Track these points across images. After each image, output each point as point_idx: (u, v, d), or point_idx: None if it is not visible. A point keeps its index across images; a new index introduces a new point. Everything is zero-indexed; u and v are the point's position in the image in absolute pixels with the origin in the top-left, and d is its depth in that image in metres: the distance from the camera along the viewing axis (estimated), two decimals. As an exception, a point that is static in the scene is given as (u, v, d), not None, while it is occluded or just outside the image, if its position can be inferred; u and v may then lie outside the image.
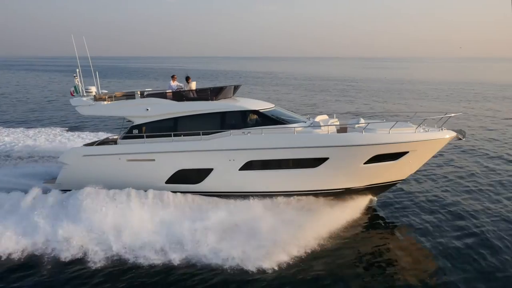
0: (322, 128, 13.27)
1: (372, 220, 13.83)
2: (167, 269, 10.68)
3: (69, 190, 13.64)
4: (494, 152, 22.74)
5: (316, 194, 13.87)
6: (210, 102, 13.95)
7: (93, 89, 15.18)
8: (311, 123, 13.98)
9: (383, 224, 13.74)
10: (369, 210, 14.38)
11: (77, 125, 30.13)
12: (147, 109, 13.90)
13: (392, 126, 13.02)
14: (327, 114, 15.64)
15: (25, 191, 13.49)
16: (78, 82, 14.89)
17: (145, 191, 13.19)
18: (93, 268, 10.73)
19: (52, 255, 11.19)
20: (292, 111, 16.59)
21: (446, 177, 18.28)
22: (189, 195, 13.49)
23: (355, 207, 13.96)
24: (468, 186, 16.97)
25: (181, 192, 13.52)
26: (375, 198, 14.89)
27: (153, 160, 13.64)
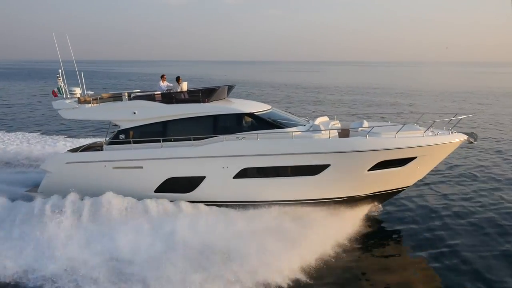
0: (323, 132, 12.31)
1: (374, 230, 12.95)
2: None
3: None
4: (508, 156, 21.77)
5: (317, 203, 12.90)
6: (201, 104, 12.97)
7: (78, 91, 14.24)
8: (311, 126, 13.04)
9: (385, 235, 12.91)
10: (371, 219, 13.47)
11: (61, 128, 28.93)
12: (134, 113, 12.95)
13: (399, 130, 12.05)
14: (328, 116, 14.69)
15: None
16: (61, 83, 13.95)
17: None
18: None
19: None
20: (290, 112, 15.61)
21: (455, 183, 17.36)
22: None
23: (357, 217, 13.06)
24: (480, 194, 16.00)
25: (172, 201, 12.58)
26: (378, 206, 13.97)
27: (141, 167, 12.70)
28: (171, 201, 12.48)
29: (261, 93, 60.91)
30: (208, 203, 12.68)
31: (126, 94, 13.91)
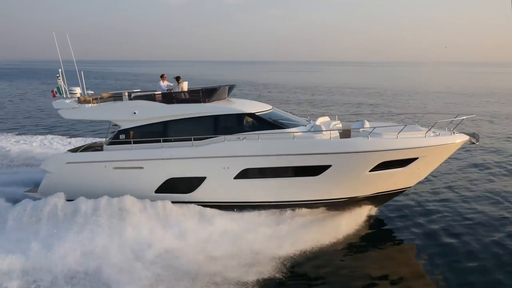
0: (324, 132, 12.24)
1: (373, 230, 12.91)
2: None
3: None
4: (509, 157, 21.69)
5: (317, 204, 12.86)
6: (202, 104, 12.91)
7: (78, 90, 14.17)
8: (312, 127, 12.98)
9: (384, 234, 12.89)
10: (370, 219, 13.42)
11: (62, 128, 28.98)
12: (135, 113, 12.88)
13: (401, 130, 11.97)
14: (329, 116, 14.64)
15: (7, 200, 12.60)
16: (61, 83, 13.88)
17: None
18: None
19: None
20: (290, 112, 15.55)
21: (455, 183, 17.30)
22: None
23: (356, 217, 13.03)
24: (479, 194, 15.96)
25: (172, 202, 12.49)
26: (376, 207, 13.93)
27: (142, 168, 12.62)
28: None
29: (238, 92, 60.68)
30: (208, 204, 12.63)
31: (127, 94, 13.85)
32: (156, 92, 13.85)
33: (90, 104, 13.43)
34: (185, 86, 14.05)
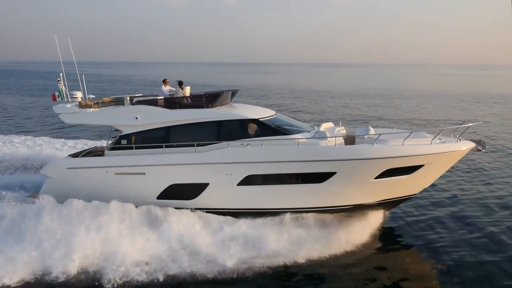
0: (328, 139, 12.08)
1: (377, 236, 12.72)
2: None
3: None
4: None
5: (322, 211, 12.68)
6: (205, 110, 12.76)
7: (79, 95, 14.00)
8: (316, 133, 12.83)
9: (389, 241, 12.72)
10: (375, 225, 13.11)
11: (63, 131, 28.88)
12: (137, 118, 12.74)
13: (406, 137, 11.82)
14: (333, 122, 14.48)
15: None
16: (62, 87, 13.70)
17: None
18: None
19: None
20: (294, 118, 15.40)
21: (462, 189, 17.15)
22: None
23: (361, 223, 12.80)
24: (488, 200, 15.81)
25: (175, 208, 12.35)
26: (385, 214, 13.74)
27: (143, 173, 12.47)
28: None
29: (239, 96, 60.19)
30: (211, 210, 12.47)
31: (128, 98, 13.70)
32: (158, 97, 13.70)
33: (91, 109, 13.30)
34: (187, 91, 13.90)
